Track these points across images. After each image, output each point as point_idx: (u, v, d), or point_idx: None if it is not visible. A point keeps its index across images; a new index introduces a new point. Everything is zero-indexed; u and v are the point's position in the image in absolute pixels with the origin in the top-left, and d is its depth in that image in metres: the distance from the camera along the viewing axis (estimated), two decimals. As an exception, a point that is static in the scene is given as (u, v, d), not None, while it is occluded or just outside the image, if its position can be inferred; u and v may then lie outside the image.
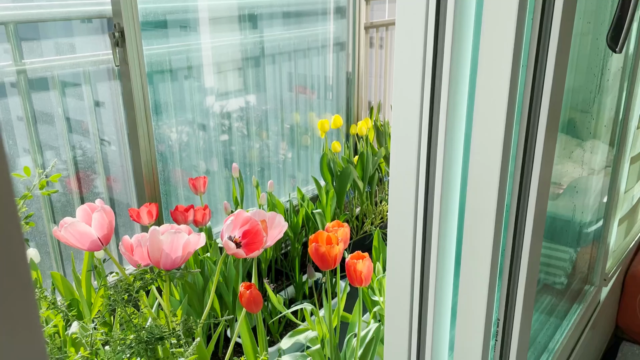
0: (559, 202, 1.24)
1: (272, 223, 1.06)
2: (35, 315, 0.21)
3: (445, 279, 0.84)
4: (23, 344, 0.21)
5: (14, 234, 0.19)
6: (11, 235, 0.19)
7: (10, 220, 0.19)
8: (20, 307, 0.20)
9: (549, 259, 1.28)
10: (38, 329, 0.21)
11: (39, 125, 1.64)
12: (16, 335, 0.21)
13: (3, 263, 0.19)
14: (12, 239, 0.19)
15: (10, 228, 0.19)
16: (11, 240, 0.19)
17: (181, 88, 2.02)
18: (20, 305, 0.20)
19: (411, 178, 0.80)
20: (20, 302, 0.20)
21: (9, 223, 0.19)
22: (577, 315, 1.36)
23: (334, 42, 2.65)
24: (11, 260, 0.19)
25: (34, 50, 1.62)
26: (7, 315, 0.20)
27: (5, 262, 0.19)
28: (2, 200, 0.19)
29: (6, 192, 0.19)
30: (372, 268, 1.16)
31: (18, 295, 0.20)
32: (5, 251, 0.19)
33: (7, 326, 0.20)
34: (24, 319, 0.21)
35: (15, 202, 0.19)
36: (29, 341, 0.21)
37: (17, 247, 0.20)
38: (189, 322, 0.87)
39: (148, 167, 1.85)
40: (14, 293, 0.20)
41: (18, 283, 0.20)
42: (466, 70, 0.74)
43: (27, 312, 0.21)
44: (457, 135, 0.77)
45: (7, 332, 0.20)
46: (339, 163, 2.36)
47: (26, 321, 0.21)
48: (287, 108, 2.49)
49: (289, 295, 1.97)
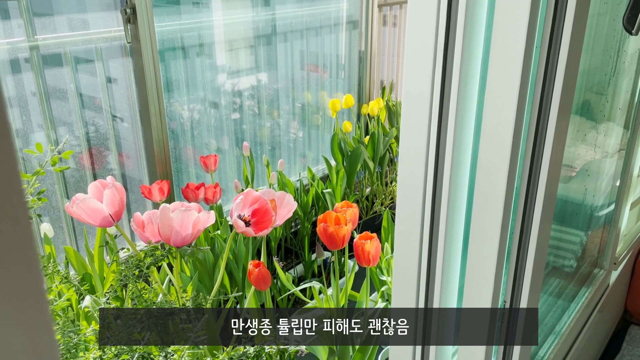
0: (570, 185, 1.23)
1: (281, 202, 1.06)
2: (44, 306, 0.22)
3: (452, 261, 0.84)
4: (32, 327, 0.22)
5: (23, 224, 0.20)
6: (20, 224, 0.20)
7: (18, 207, 0.19)
8: (29, 293, 0.21)
9: (559, 242, 1.27)
10: (47, 317, 0.22)
11: (52, 101, 1.65)
12: (24, 318, 0.21)
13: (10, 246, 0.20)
14: (20, 227, 0.20)
15: (20, 219, 0.19)
16: (19, 228, 0.20)
17: (193, 65, 2.02)
18: (29, 292, 0.21)
19: (420, 159, 0.80)
20: (29, 289, 0.21)
21: (16, 209, 0.19)
22: (586, 299, 1.36)
23: (346, 20, 2.62)
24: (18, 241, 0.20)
25: (47, 26, 1.62)
26: (16, 302, 0.21)
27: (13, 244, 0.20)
28: (9, 182, 0.19)
29: (12, 174, 0.19)
30: (380, 248, 1.16)
31: (25, 278, 0.21)
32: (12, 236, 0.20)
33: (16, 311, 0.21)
34: (34, 308, 0.21)
35: (22, 186, 0.20)
36: (37, 325, 0.22)
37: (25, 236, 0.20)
38: (199, 299, 0.89)
39: (159, 144, 1.86)
40: (22, 276, 0.20)
41: (25, 265, 0.20)
42: (478, 50, 0.73)
43: (37, 303, 0.21)
44: (468, 115, 0.76)
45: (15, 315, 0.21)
46: (350, 143, 2.35)
47: (36, 312, 0.21)
48: (299, 87, 2.48)
49: (298, 273, 1.99)
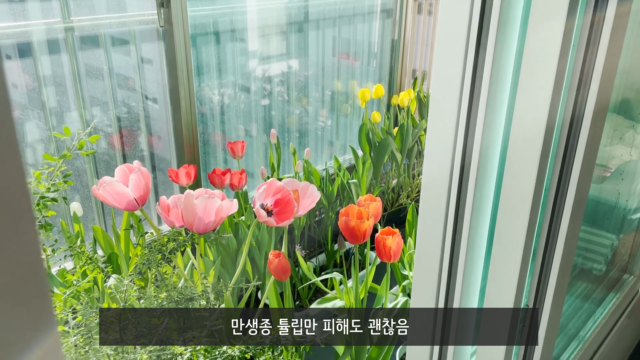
0: (603, 186, 1.19)
1: (304, 193, 1.06)
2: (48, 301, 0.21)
3: (475, 260, 0.83)
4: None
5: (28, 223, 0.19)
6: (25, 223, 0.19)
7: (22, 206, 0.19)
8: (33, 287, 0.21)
9: (588, 244, 1.24)
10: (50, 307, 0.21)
11: (85, 82, 1.68)
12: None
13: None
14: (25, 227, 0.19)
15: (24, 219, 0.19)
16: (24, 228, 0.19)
17: (224, 50, 2.02)
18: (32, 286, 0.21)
19: (447, 154, 0.78)
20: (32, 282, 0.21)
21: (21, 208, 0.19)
22: (613, 304, 1.32)
23: (380, 8, 2.58)
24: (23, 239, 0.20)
25: (82, 8, 1.64)
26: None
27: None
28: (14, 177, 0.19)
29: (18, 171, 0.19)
30: (401, 244, 1.15)
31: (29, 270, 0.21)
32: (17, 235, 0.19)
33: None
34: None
35: (28, 188, 0.20)
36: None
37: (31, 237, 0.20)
38: (219, 286, 0.90)
39: (188, 128, 1.88)
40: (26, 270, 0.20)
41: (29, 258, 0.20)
42: (512, 43, 0.70)
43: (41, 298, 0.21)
44: (498, 110, 0.74)
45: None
46: (378, 134, 2.33)
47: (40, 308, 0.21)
48: (329, 75, 2.46)
49: (320, 262, 2.00)
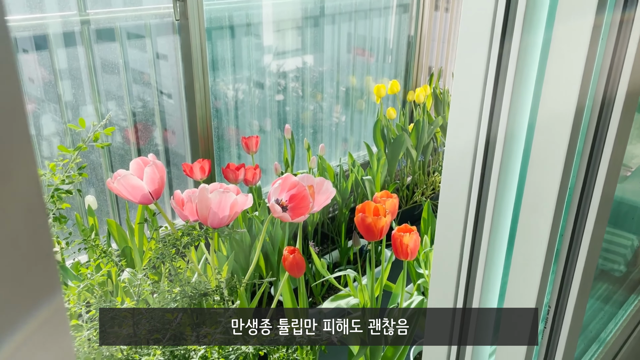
0: (624, 185, 1.16)
1: (320, 188, 1.04)
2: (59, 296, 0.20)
3: (495, 261, 0.80)
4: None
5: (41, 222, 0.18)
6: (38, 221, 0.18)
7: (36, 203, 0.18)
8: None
9: (609, 244, 1.21)
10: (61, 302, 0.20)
11: (101, 75, 1.68)
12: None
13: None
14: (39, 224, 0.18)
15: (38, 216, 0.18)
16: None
17: (239, 45, 2.01)
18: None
19: (469, 151, 0.76)
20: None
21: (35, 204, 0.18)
22: (635, 306, 1.29)
23: (397, 4, 2.55)
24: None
25: (98, 1, 1.64)
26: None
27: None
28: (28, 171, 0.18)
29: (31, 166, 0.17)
30: (419, 242, 1.13)
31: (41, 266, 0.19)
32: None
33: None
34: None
35: (39, 177, 0.18)
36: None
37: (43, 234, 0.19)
38: (233, 281, 0.88)
39: (203, 122, 1.87)
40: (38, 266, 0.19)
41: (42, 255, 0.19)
42: (538, 38, 0.68)
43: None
44: (523, 105, 0.72)
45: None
46: (393, 130, 2.30)
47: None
48: (344, 70, 2.44)
49: (333, 259, 1.98)
